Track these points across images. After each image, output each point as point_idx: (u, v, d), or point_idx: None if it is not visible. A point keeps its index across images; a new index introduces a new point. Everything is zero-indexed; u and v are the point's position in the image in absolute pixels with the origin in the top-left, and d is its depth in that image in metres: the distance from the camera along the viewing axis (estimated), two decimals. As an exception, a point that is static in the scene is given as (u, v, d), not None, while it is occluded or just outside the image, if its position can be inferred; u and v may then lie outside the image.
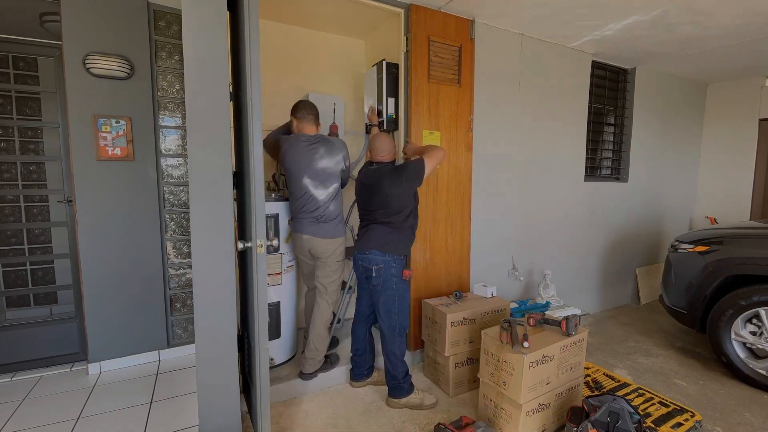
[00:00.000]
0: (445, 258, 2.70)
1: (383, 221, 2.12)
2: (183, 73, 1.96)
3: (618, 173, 3.95)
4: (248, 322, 1.82)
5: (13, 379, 2.41)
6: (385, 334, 2.16)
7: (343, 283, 2.61)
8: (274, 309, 2.36)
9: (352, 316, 2.42)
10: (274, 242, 2.29)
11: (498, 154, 2.92)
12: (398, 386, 2.16)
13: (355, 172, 2.77)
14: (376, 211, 2.13)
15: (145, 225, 2.52)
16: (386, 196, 2.08)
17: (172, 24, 2.53)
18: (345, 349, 2.63)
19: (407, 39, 2.49)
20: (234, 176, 1.66)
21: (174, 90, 2.58)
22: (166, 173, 2.59)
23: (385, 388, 2.24)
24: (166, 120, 2.58)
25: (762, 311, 2.33)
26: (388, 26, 2.73)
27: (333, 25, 2.88)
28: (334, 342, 2.67)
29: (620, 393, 2.30)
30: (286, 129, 2.46)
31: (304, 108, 2.28)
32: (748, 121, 4.19)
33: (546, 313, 2.46)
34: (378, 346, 2.34)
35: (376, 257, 2.10)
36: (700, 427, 2.01)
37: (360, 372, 2.35)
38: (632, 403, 1.82)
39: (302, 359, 2.30)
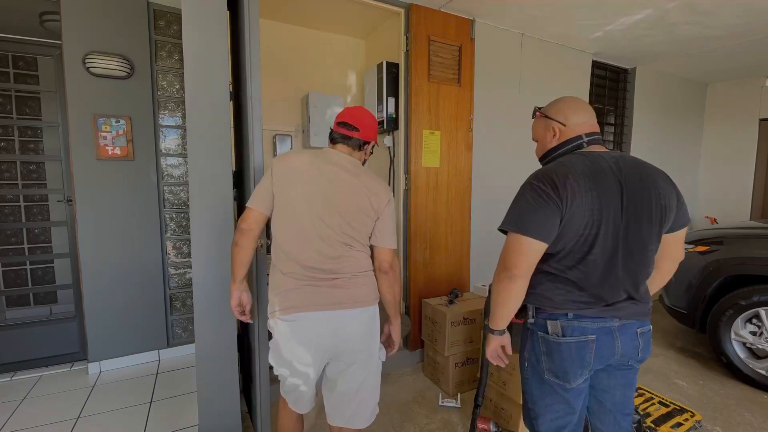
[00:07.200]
0: (445, 258, 2.70)
1: None
2: (183, 73, 1.96)
3: (618, 173, 3.94)
4: (248, 321, 1.82)
5: (12, 378, 2.41)
6: None
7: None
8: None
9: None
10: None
11: (498, 153, 2.91)
12: None
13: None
14: None
15: (145, 224, 2.52)
16: None
17: (172, 23, 2.53)
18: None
19: (407, 39, 2.48)
20: (234, 176, 1.66)
21: (174, 89, 2.58)
22: (166, 173, 2.59)
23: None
24: (166, 119, 2.57)
25: (762, 311, 2.33)
26: (388, 26, 2.72)
27: (333, 25, 2.88)
28: None
29: (620, 393, 2.29)
30: None
31: None
32: (748, 121, 4.19)
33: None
34: None
35: None
36: (700, 427, 2.01)
37: None
38: (632, 403, 1.82)
39: None
